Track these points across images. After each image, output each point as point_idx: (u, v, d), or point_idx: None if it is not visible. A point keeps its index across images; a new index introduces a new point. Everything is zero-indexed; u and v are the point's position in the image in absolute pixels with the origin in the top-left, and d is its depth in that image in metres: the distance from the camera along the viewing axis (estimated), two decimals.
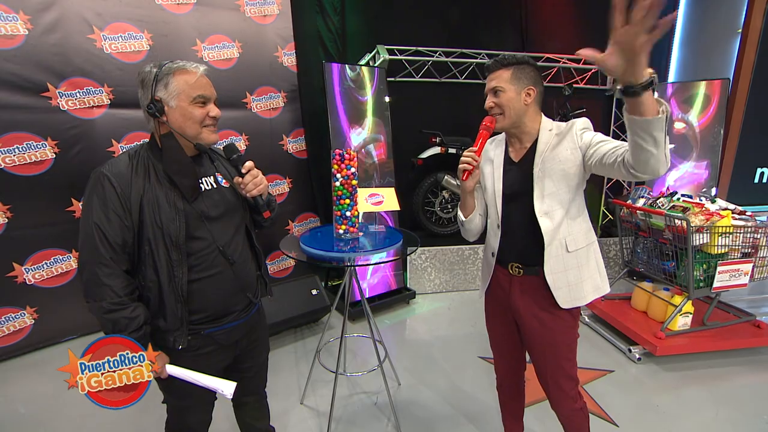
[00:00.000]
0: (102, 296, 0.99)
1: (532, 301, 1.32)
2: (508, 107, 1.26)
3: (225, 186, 1.16)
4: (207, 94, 1.07)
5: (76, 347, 2.61)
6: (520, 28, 3.83)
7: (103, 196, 1.01)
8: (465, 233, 1.46)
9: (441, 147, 3.36)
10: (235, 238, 1.16)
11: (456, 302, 3.25)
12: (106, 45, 2.54)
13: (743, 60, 3.37)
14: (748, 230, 2.33)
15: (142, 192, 1.03)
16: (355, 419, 1.97)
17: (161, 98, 1.04)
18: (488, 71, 1.30)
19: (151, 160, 1.07)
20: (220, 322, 1.14)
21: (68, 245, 2.59)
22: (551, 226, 1.26)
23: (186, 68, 1.06)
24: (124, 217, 1.01)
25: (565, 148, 1.24)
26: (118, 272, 1.01)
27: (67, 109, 2.47)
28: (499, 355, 1.54)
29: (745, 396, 2.12)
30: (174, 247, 1.04)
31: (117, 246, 1.00)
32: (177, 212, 1.04)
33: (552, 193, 1.25)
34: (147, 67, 1.06)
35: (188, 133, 1.06)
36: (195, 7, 2.79)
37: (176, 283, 1.05)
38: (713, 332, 2.47)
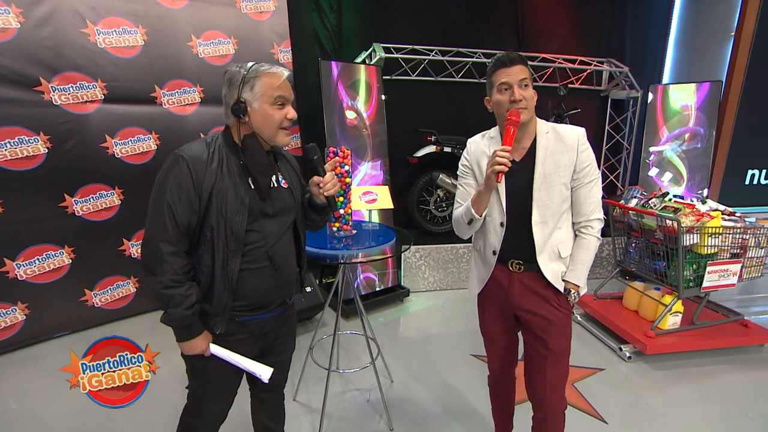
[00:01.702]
0: (163, 272, 1.03)
1: (533, 295, 1.35)
2: (531, 102, 1.27)
3: (284, 186, 1.20)
4: (286, 95, 1.11)
5: (68, 344, 2.61)
6: (516, 28, 3.85)
7: (179, 177, 1.04)
8: (466, 231, 1.41)
9: (436, 146, 3.37)
10: (284, 236, 1.20)
11: (450, 300, 3.27)
12: (99, 39, 2.52)
13: (736, 63, 3.41)
14: (737, 231, 2.36)
15: (214, 181, 1.06)
16: (348, 416, 1.98)
17: (246, 99, 1.07)
18: (510, 63, 1.25)
19: (225, 151, 1.10)
20: (257, 312, 1.18)
21: (61, 241, 2.58)
22: (545, 234, 1.30)
23: (273, 72, 1.09)
24: (195, 201, 1.05)
25: (564, 157, 1.28)
26: (181, 252, 1.06)
27: (60, 103, 2.45)
28: (494, 352, 1.55)
29: (732, 394, 2.16)
30: (233, 237, 1.08)
31: (183, 227, 1.05)
32: (242, 205, 1.08)
33: (549, 202, 1.29)
34: (234, 67, 1.10)
35: (265, 134, 1.10)
36: (190, 2, 2.78)
37: (228, 271, 1.09)
38: (702, 331, 2.51)
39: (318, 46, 3.37)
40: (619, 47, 4.13)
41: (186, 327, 1.08)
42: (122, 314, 2.82)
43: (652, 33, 4.25)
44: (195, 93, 2.90)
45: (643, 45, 4.24)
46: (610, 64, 3.96)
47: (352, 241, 1.72)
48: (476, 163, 1.39)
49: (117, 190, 2.72)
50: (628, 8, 4.11)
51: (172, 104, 2.83)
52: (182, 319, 1.05)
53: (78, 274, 2.65)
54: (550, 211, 1.29)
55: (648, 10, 4.19)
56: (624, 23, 4.14)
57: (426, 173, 3.39)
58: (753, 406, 2.06)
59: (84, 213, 2.62)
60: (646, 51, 4.27)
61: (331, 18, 3.36)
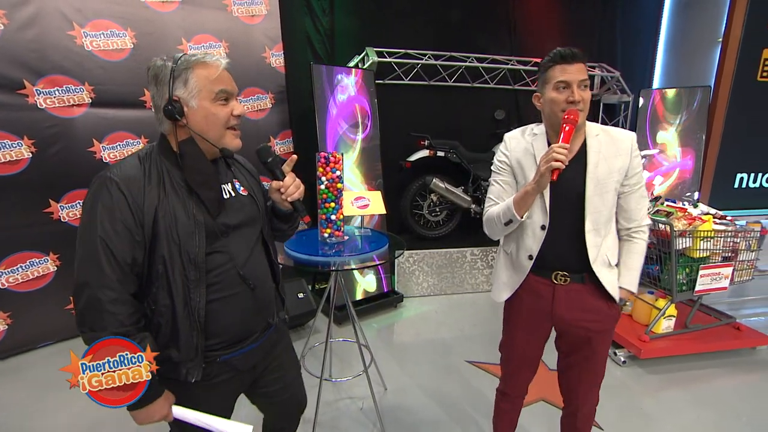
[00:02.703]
0: (103, 326, 0.85)
1: (580, 309, 1.27)
2: (587, 104, 1.19)
3: (243, 194, 1.04)
4: (229, 89, 0.95)
5: (53, 354, 2.54)
6: (509, 33, 3.87)
7: (110, 205, 0.86)
8: (500, 232, 1.32)
9: (429, 150, 3.36)
10: (254, 252, 1.04)
11: (444, 306, 3.24)
12: (86, 42, 2.47)
13: (723, 68, 3.46)
14: (729, 234, 2.38)
15: (157, 202, 0.89)
16: (341, 425, 1.94)
17: (180, 97, 0.91)
18: (572, 60, 1.18)
19: (164, 165, 0.93)
20: (237, 347, 1.02)
21: (45, 248, 2.51)
22: (597, 243, 1.24)
23: (206, 61, 0.93)
24: (135, 230, 0.87)
25: (618, 161, 1.22)
26: (125, 297, 0.87)
27: (45, 107, 2.40)
28: (517, 365, 1.45)
29: (725, 398, 2.16)
30: (192, 265, 0.91)
31: (126, 265, 0.87)
32: (196, 225, 0.91)
33: (603, 208, 1.23)
34: (158, 61, 0.93)
35: (210, 137, 0.94)
36: (180, 5, 2.74)
37: (192, 307, 0.92)
38: (695, 335, 2.51)
39: (310, 50, 3.35)
40: (610, 52, 4.18)
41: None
42: None
43: (642, 39, 4.30)
44: None
45: (633, 50, 4.29)
46: (601, 69, 4.00)
47: (343, 247, 1.69)
48: (516, 161, 1.30)
49: None
50: (618, 14, 4.16)
51: None
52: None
53: (64, 282, 2.58)
54: (603, 218, 1.23)
55: (638, 17, 4.24)
56: (614, 29, 4.19)
57: (419, 177, 3.38)
58: (746, 410, 2.06)
59: (71, 219, 2.56)
60: (636, 56, 4.32)
61: (324, 22, 3.35)
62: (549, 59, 1.22)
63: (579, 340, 1.31)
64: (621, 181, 1.24)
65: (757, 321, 2.92)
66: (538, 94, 1.28)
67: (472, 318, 3.04)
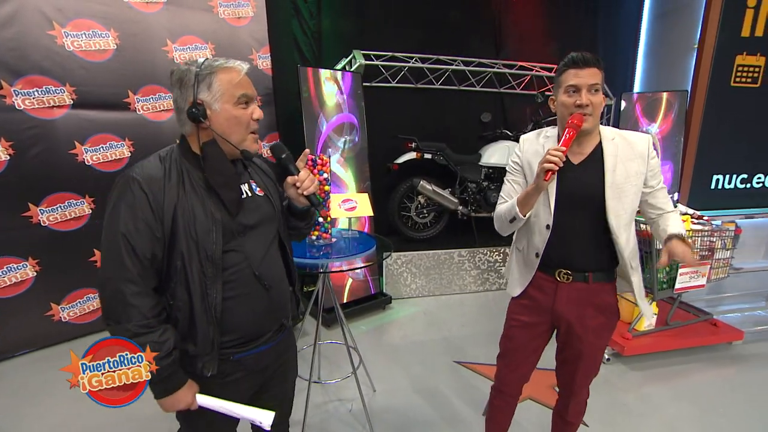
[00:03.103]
0: (128, 318, 0.88)
1: (580, 307, 1.31)
2: (598, 108, 1.21)
3: (259, 194, 1.07)
4: (250, 93, 0.99)
5: (32, 362, 2.47)
6: (494, 37, 3.94)
7: (132, 203, 0.90)
8: (507, 228, 1.37)
9: (417, 152, 3.38)
10: (270, 252, 1.06)
11: (432, 307, 3.27)
12: (67, 42, 2.43)
13: (699, 73, 3.58)
14: (705, 234, 2.46)
15: (177, 200, 0.93)
16: (330, 427, 1.94)
17: (204, 101, 0.94)
18: (583, 65, 1.20)
19: (184, 165, 0.97)
20: (251, 345, 1.04)
21: (24, 252, 2.44)
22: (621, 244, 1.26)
23: (230, 66, 0.96)
24: (155, 227, 0.91)
25: (634, 164, 1.24)
26: (147, 290, 0.92)
27: (24, 108, 2.34)
28: (515, 361, 1.47)
29: (703, 391, 2.23)
30: (209, 262, 0.94)
31: (146, 260, 0.91)
32: (214, 223, 0.95)
33: (622, 212, 1.24)
34: (183, 66, 0.97)
35: (233, 139, 0.97)
36: (165, 6, 2.71)
37: (209, 302, 0.95)
38: (675, 331, 2.59)
39: (297, 53, 3.35)
40: None
41: (165, 379, 0.91)
42: (94, 328, 2.69)
43: (622, 44, 4.43)
44: (171, 99, 2.82)
45: (615, 56, 4.41)
46: None
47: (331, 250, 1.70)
48: (527, 162, 1.34)
49: (87, 198, 2.61)
50: (600, 20, 4.28)
51: (147, 110, 2.75)
52: (159, 371, 0.88)
53: (44, 288, 2.52)
54: (623, 221, 1.25)
55: (618, 23, 4.37)
56: (597, 35, 4.30)
57: (407, 180, 3.40)
58: (723, 403, 2.13)
59: (51, 223, 2.50)
60: (617, 61, 4.44)
61: (311, 24, 3.36)
62: (563, 63, 1.24)
63: (575, 338, 1.34)
64: (641, 184, 1.26)
65: (733, 317, 3.03)
66: (553, 97, 1.30)
67: (460, 319, 3.07)
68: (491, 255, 3.54)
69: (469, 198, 3.58)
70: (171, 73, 0.98)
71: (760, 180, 3.93)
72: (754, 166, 3.88)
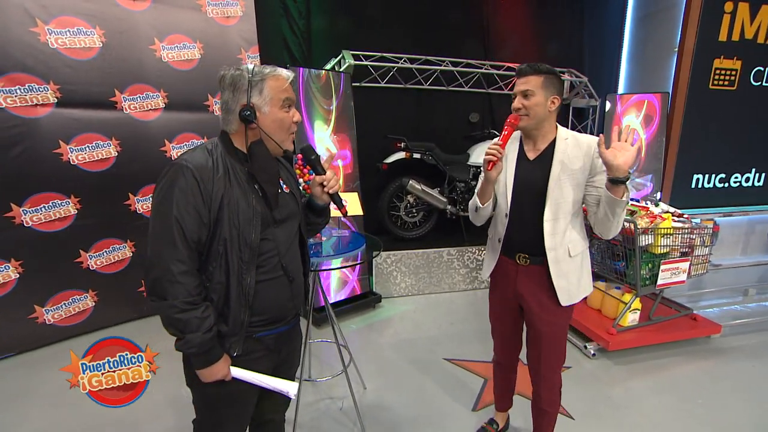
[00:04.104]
0: (175, 294, 0.95)
1: (537, 289, 1.47)
2: (533, 110, 1.38)
3: (286, 191, 1.16)
4: (293, 98, 1.09)
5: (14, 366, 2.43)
6: (482, 38, 3.99)
7: (185, 189, 0.97)
8: (476, 218, 1.56)
9: (406, 152, 3.41)
10: (293, 244, 1.16)
11: (422, 305, 3.29)
12: (51, 39, 2.39)
13: (680, 75, 3.68)
14: (686, 231, 2.53)
15: (224, 190, 1.00)
16: (321, 425, 1.95)
17: (255, 104, 1.03)
18: (520, 74, 1.41)
19: (228, 160, 1.04)
20: (273, 326, 1.13)
21: (6, 254, 2.40)
22: (555, 231, 1.40)
23: (279, 74, 1.06)
24: (204, 213, 0.99)
25: (579, 161, 1.39)
26: (193, 270, 0.99)
27: (6, 106, 2.29)
28: (497, 336, 1.69)
29: (682, 383, 2.30)
30: (248, 248, 1.02)
31: (193, 243, 0.98)
32: (254, 214, 1.03)
33: (562, 201, 1.39)
34: (233, 70, 1.04)
35: (276, 139, 1.07)
36: (152, 4, 2.69)
37: (244, 286, 1.03)
38: (658, 326, 2.66)
39: (287, 53, 3.34)
40: (579, 59, 4.37)
41: (206, 352, 1.00)
42: (79, 330, 2.64)
43: (607, 47, 4.53)
44: (159, 98, 2.80)
45: (599, 58, 4.50)
46: (570, 74, 4.18)
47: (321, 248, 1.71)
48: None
49: (73, 198, 2.57)
50: (585, 23, 4.37)
51: (134, 109, 2.72)
52: (202, 344, 0.97)
53: (27, 290, 2.47)
54: (563, 210, 1.40)
55: (603, 26, 4.47)
56: (582, 37, 4.39)
57: (396, 179, 3.43)
58: (702, 394, 2.21)
59: (34, 224, 2.45)
60: (602, 63, 4.54)
61: (300, 24, 3.36)
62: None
63: (535, 318, 1.48)
64: (585, 178, 1.40)
65: (712, 312, 3.12)
66: None
67: (450, 316, 3.10)
68: (480, 253, 3.59)
69: (457, 197, 3.62)
70: (222, 77, 1.05)
71: (737, 179, 4.06)
72: (731, 167, 4.01)
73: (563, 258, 1.42)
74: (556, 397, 1.59)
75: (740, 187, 4.08)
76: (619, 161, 1.24)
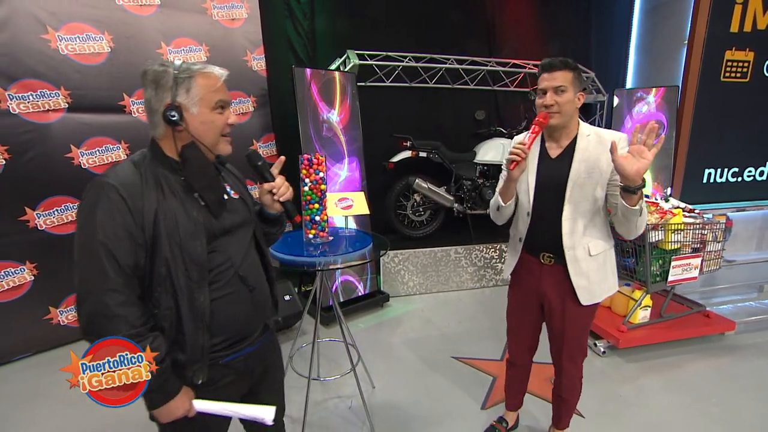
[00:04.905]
0: (115, 329, 0.84)
1: (560, 288, 1.44)
2: (565, 107, 1.33)
3: (234, 197, 1.07)
4: (227, 99, 0.99)
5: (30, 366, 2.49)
6: (487, 35, 3.96)
7: (110, 209, 0.86)
8: (498, 217, 1.53)
9: (412, 151, 3.41)
10: (250, 254, 1.07)
11: (429, 304, 3.29)
12: (61, 46, 2.43)
13: (690, 69, 3.61)
14: (697, 227, 2.49)
15: (156, 205, 0.90)
16: (330, 424, 1.96)
17: (181, 103, 0.93)
18: (550, 69, 1.32)
19: (159, 170, 0.94)
20: (238, 347, 1.03)
21: (21, 257, 2.45)
22: (574, 230, 1.37)
23: (210, 72, 0.96)
24: (137, 233, 0.88)
25: (603, 158, 1.33)
26: (132, 299, 0.88)
27: (19, 112, 2.34)
28: (515, 336, 1.67)
29: (696, 381, 2.27)
30: (195, 266, 0.92)
31: (128, 269, 0.87)
32: (196, 226, 0.93)
33: (582, 200, 1.36)
34: (157, 66, 0.93)
35: (206, 142, 0.97)
36: (159, 9, 2.72)
37: (197, 307, 0.93)
38: (669, 323, 2.63)
39: (292, 53, 3.36)
40: (585, 54, 4.32)
41: (159, 388, 0.88)
42: None
43: (614, 41, 4.47)
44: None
45: (606, 52, 4.44)
46: None
47: (328, 248, 1.71)
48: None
49: None
50: (591, 18, 4.31)
51: (143, 113, 2.76)
52: (153, 381, 0.85)
53: (41, 292, 2.52)
54: (582, 208, 1.36)
55: (610, 20, 4.40)
56: (589, 32, 4.34)
57: (402, 178, 3.42)
58: (716, 393, 2.17)
59: (48, 227, 2.50)
60: (609, 58, 4.48)
61: (305, 25, 3.37)
62: (538, 70, 1.38)
63: (558, 316, 1.47)
64: (607, 177, 1.35)
65: (726, 308, 3.07)
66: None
67: (458, 315, 3.09)
68: (487, 252, 3.57)
69: (464, 195, 3.60)
70: (144, 73, 0.94)
71: (751, 173, 3.98)
72: (745, 160, 3.93)
73: (582, 257, 1.39)
74: (577, 386, 1.61)
75: (754, 181, 3.99)
76: (631, 170, 1.17)
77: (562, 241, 1.38)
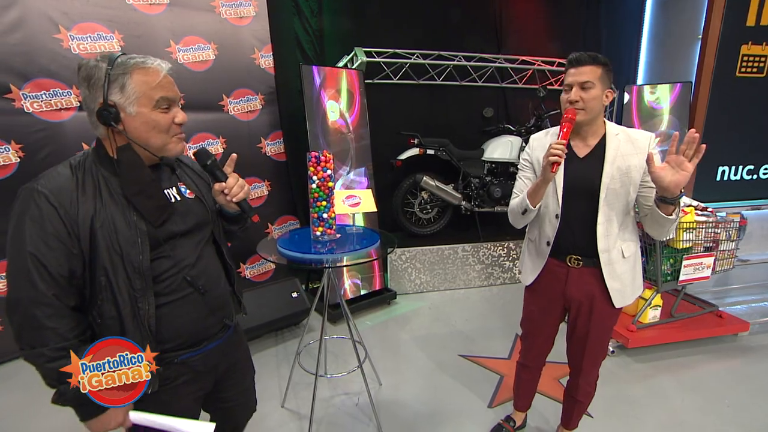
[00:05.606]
0: (43, 341, 0.81)
1: (590, 291, 1.39)
2: (591, 103, 1.28)
3: (190, 197, 1.01)
4: (171, 95, 0.91)
5: None
6: (495, 31, 3.92)
7: (39, 219, 0.82)
8: (519, 221, 1.44)
9: (419, 148, 3.39)
10: (204, 255, 1.02)
11: (437, 302, 3.29)
12: (73, 45, 2.46)
13: (704, 64, 3.54)
14: (710, 225, 2.45)
15: (93, 212, 0.85)
16: (337, 421, 1.97)
17: (116, 103, 0.86)
18: (577, 64, 1.29)
19: (100, 172, 0.88)
20: (195, 347, 1.01)
21: None
22: (609, 232, 1.33)
23: (146, 66, 0.87)
24: (70, 243, 0.83)
25: (633, 158, 1.30)
26: (64, 311, 0.84)
27: (32, 111, 2.38)
28: (533, 342, 1.63)
29: (709, 383, 2.23)
30: (137, 274, 0.88)
31: (62, 278, 0.83)
32: (139, 234, 0.88)
33: (615, 201, 1.32)
34: (91, 61, 0.86)
35: (153, 145, 0.90)
36: (168, 7, 2.74)
37: (141, 316, 0.89)
38: (680, 323, 2.59)
39: (299, 51, 3.36)
40: (595, 49, 4.19)
41: (89, 402, 0.82)
42: None
43: (625, 36, 4.39)
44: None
45: (617, 47, 4.37)
46: None
47: (336, 245, 1.72)
48: (536, 159, 1.43)
49: None
50: (602, 13, 4.24)
51: None
52: (79, 395, 0.80)
53: None
54: (617, 210, 1.33)
55: (621, 14, 4.33)
56: (599, 27, 4.27)
57: (410, 176, 3.42)
58: (729, 394, 2.13)
59: None
60: (620, 53, 4.40)
61: (313, 23, 3.37)
62: (566, 65, 1.34)
63: (584, 319, 1.43)
64: (639, 178, 1.32)
65: (739, 309, 3.02)
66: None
67: (465, 313, 3.08)
68: (495, 250, 3.55)
69: (472, 193, 3.58)
70: (78, 68, 0.88)
71: (767, 171, 3.89)
72: (761, 158, 3.84)
73: (617, 259, 1.35)
74: (592, 389, 1.60)
75: None
76: (668, 181, 1.12)
77: (597, 243, 1.33)
